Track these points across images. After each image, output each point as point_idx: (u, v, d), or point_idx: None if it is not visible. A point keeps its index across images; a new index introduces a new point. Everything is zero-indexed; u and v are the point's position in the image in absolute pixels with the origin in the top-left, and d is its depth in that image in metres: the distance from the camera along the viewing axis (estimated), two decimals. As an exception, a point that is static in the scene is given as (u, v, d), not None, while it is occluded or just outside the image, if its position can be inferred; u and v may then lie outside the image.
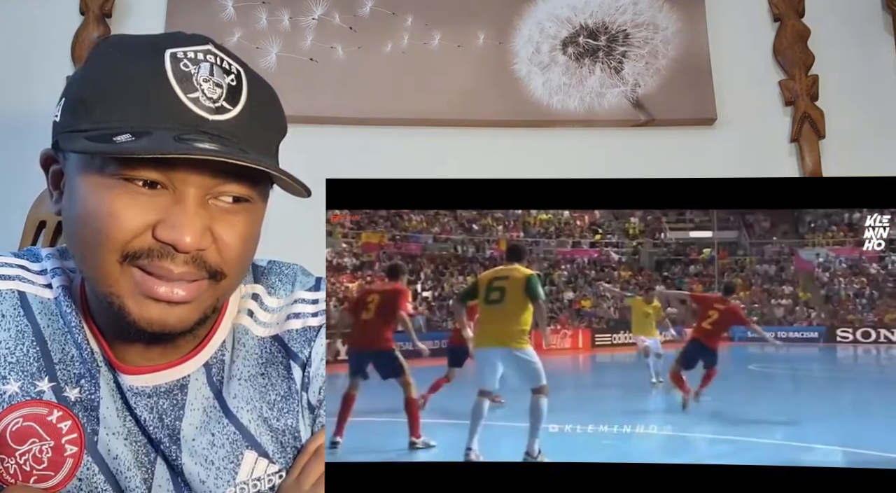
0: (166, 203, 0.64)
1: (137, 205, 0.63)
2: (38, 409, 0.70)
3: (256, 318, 0.78)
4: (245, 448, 0.73)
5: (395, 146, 1.49)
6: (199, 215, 0.64)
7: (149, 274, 0.64)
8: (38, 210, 1.36)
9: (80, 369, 0.72)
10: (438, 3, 1.53)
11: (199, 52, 0.66)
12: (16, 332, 0.72)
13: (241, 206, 0.67)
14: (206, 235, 0.64)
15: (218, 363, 0.75)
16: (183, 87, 0.64)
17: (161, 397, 0.72)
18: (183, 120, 0.63)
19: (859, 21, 1.61)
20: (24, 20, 1.48)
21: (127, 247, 0.63)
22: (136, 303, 0.65)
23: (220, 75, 0.66)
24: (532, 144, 1.51)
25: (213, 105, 0.64)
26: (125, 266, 0.64)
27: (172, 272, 0.64)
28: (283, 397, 0.75)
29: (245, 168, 0.64)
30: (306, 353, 0.76)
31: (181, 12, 1.47)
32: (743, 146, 1.53)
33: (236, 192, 0.66)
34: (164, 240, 0.63)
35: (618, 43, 1.56)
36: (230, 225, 0.66)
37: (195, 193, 0.64)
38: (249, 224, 0.68)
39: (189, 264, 0.64)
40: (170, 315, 0.65)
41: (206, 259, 0.65)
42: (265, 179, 0.68)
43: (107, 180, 0.63)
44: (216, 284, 0.67)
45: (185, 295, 0.65)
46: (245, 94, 0.67)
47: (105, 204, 0.63)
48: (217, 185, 0.65)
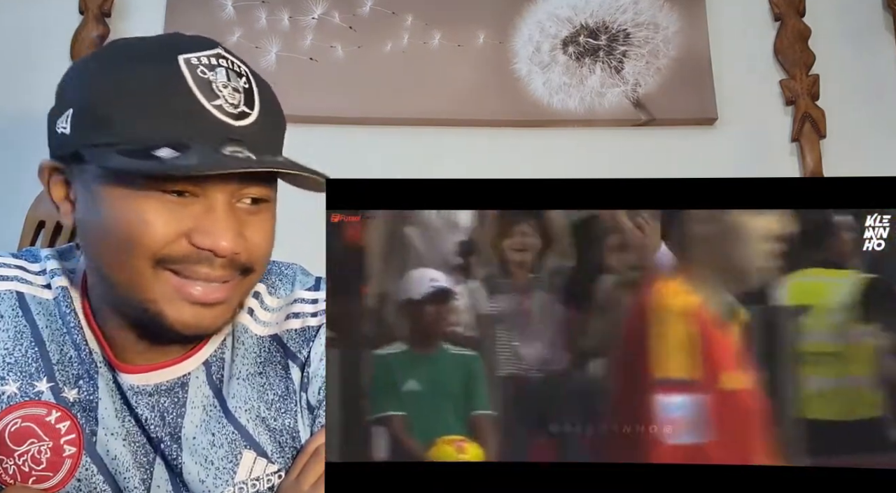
0: (197, 211, 0.65)
1: (169, 212, 0.64)
2: (37, 410, 0.70)
3: (256, 317, 0.78)
4: (244, 448, 0.73)
5: (395, 146, 1.49)
6: (231, 220, 0.65)
7: (185, 278, 0.65)
8: (37, 210, 1.36)
9: (79, 370, 0.71)
10: (438, 2, 1.53)
11: (212, 57, 0.66)
12: (14, 332, 0.71)
13: (261, 206, 0.69)
14: (239, 239, 0.66)
15: (218, 361, 0.75)
16: (206, 95, 0.64)
17: (162, 395, 0.72)
18: (214, 130, 0.64)
19: (860, 21, 1.61)
20: (23, 20, 1.48)
21: (160, 253, 0.64)
22: (173, 307, 0.66)
23: (235, 79, 0.66)
24: (532, 144, 1.51)
25: (235, 111, 0.65)
26: (158, 271, 0.65)
27: (210, 276, 0.66)
28: (281, 397, 0.75)
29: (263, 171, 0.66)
30: (305, 353, 0.76)
31: (181, 12, 1.47)
32: (743, 146, 1.53)
33: (257, 194, 0.68)
34: (203, 246, 0.64)
35: (618, 42, 1.56)
36: (256, 226, 0.68)
37: (223, 198, 0.65)
38: (270, 223, 0.71)
39: (226, 267, 0.66)
40: (205, 317, 0.67)
41: (239, 260, 0.67)
42: (275, 177, 0.70)
43: (134, 192, 0.64)
44: (244, 279, 0.69)
45: (220, 297, 0.67)
46: (258, 96, 0.68)
47: (135, 212, 0.64)
48: (242, 188, 0.66)
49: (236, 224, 0.66)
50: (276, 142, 0.71)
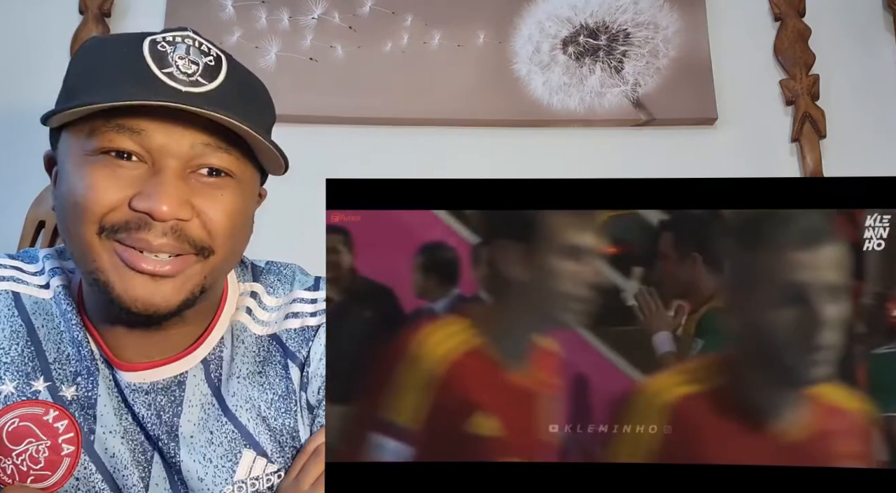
0: (144, 176, 0.64)
1: (115, 177, 0.63)
2: (34, 409, 0.70)
3: (255, 316, 0.78)
4: (243, 447, 0.73)
5: (395, 146, 1.49)
6: (176, 186, 0.64)
7: (129, 247, 0.64)
8: (37, 210, 1.35)
9: (77, 368, 0.71)
10: (438, 2, 1.53)
11: (177, 36, 0.67)
12: (10, 332, 0.72)
13: (223, 180, 0.67)
14: (184, 206, 0.64)
15: (216, 360, 0.75)
16: (157, 63, 0.64)
17: (159, 393, 0.72)
18: (156, 91, 0.63)
19: (860, 21, 1.61)
20: (23, 20, 1.48)
21: (104, 220, 0.64)
22: (119, 278, 0.64)
23: (197, 55, 0.66)
24: (532, 144, 1.51)
25: (187, 79, 0.65)
26: (104, 240, 0.64)
27: (151, 244, 0.64)
28: (280, 397, 0.75)
29: (229, 141, 0.65)
30: (304, 352, 0.76)
31: (181, 12, 1.47)
32: (743, 146, 1.53)
33: (216, 164, 0.66)
34: (140, 209, 0.63)
35: (618, 42, 1.55)
36: (212, 198, 0.66)
37: (174, 164, 0.64)
38: (234, 199, 0.68)
39: (168, 235, 0.64)
40: (155, 293, 0.65)
41: (189, 232, 0.65)
42: (249, 157, 0.68)
43: (87, 157, 0.64)
44: (204, 260, 0.67)
45: (169, 269, 0.65)
46: (224, 73, 0.67)
47: (84, 178, 0.64)
48: (197, 157, 0.65)
49: (183, 191, 0.64)
50: (236, 116, 0.66)
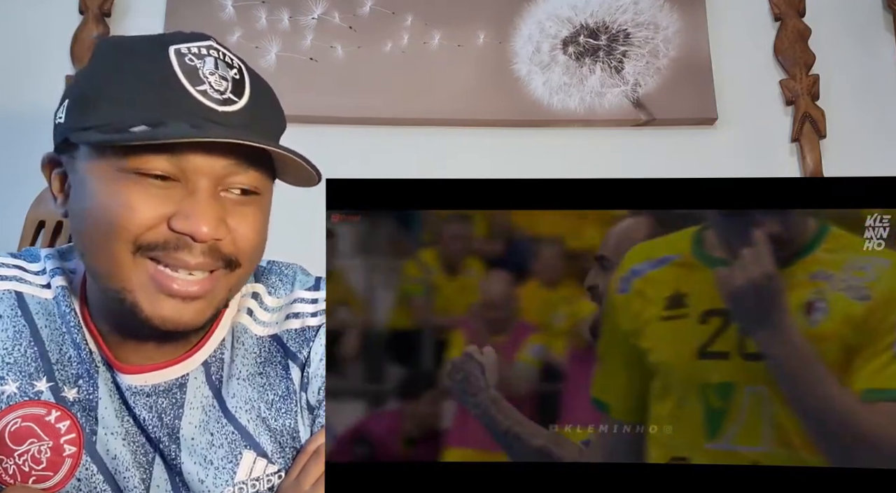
0: (179, 195, 0.64)
1: (151, 196, 0.64)
2: (37, 409, 0.70)
3: (256, 317, 0.78)
4: (244, 448, 0.73)
5: (395, 146, 1.49)
6: (212, 207, 0.65)
7: (164, 266, 0.64)
8: (38, 210, 1.35)
9: (79, 370, 0.71)
10: (438, 2, 1.53)
11: (202, 47, 0.67)
12: (13, 332, 0.71)
13: (251, 198, 0.68)
14: (221, 226, 0.65)
15: (217, 362, 0.75)
16: (191, 80, 0.65)
17: (160, 396, 0.72)
18: (194, 111, 0.64)
19: (860, 21, 1.61)
20: (23, 20, 1.48)
21: (140, 239, 0.64)
22: (148, 299, 0.65)
23: (224, 69, 0.67)
24: (532, 144, 1.51)
25: (220, 97, 0.65)
26: (138, 258, 0.64)
27: (189, 263, 0.65)
28: (281, 398, 0.75)
29: (254, 159, 0.66)
30: (305, 353, 0.76)
31: (180, 12, 1.47)
32: (743, 146, 1.53)
33: (246, 183, 0.67)
34: (181, 231, 0.64)
35: (618, 42, 1.56)
36: (243, 216, 0.67)
37: (207, 184, 0.65)
38: (260, 216, 0.70)
39: (206, 254, 0.65)
40: (184, 312, 0.66)
41: (223, 250, 0.66)
42: (269, 172, 0.69)
43: (119, 174, 0.64)
44: (230, 273, 0.68)
45: (198, 291, 0.66)
46: (248, 87, 0.68)
47: (118, 196, 0.63)
48: (228, 176, 0.66)
49: (219, 211, 0.65)
50: (269, 132, 0.70)
